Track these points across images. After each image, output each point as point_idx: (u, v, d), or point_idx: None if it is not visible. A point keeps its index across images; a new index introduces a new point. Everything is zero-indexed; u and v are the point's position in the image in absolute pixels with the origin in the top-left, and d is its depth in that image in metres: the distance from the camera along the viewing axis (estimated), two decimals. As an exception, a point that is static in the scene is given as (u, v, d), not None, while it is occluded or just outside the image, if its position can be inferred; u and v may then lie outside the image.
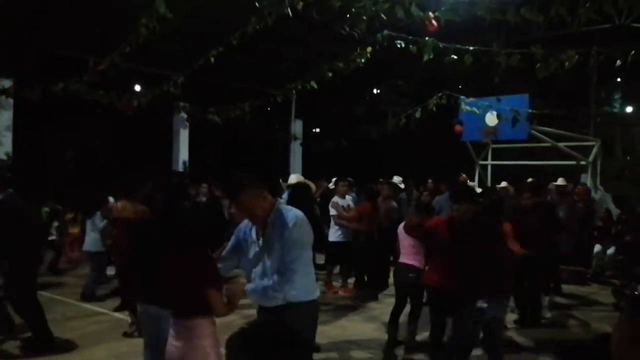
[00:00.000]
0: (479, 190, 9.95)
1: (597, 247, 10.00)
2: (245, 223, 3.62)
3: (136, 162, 16.19)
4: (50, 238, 9.78)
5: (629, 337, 1.64)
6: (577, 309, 8.01)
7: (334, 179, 10.12)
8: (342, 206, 8.54)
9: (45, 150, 15.80)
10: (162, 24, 6.09)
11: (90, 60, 8.50)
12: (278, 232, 3.35)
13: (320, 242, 10.88)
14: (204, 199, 10.60)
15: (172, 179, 10.21)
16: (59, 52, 11.52)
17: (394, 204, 8.94)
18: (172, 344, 3.27)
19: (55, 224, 9.92)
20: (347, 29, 6.16)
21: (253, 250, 3.48)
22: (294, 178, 7.75)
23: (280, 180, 10.65)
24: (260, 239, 3.44)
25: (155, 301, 4.00)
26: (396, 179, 10.43)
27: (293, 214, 3.42)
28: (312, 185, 6.44)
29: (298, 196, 5.96)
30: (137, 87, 13.78)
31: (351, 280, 8.86)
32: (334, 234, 8.52)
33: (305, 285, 3.41)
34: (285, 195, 8.06)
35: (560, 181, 10.39)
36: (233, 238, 3.67)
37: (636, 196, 12.61)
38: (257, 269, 3.43)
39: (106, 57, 8.06)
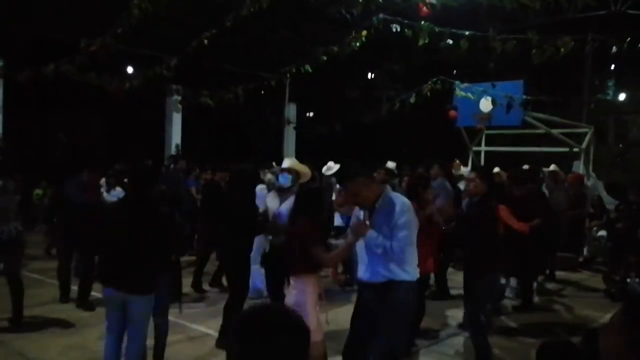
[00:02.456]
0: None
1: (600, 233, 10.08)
2: (356, 211, 4.02)
3: (129, 145, 16.11)
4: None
5: (623, 344, 1.60)
6: (567, 295, 8.08)
7: (328, 163, 10.05)
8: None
9: (37, 132, 15.68)
10: (154, 5, 5.99)
11: (82, 41, 8.36)
12: (385, 216, 3.70)
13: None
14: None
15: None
16: (51, 34, 11.37)
17: (388, 187, 8.92)
18: (290, 292, 4.09)
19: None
20: (343, 11, 6.10)
21: None
22: (287, 162, 7.34)
23: (274, 164, 10.58)
24: (368, 222, 3.78)
25: (123, 287, 4.06)
26: (390, 164, 10.42)
27: (400, 200, 3.81)
28: (307, 170, 6.23)
29: (238, 182, 5.79)
30: (130, 69, 13.64)
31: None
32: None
33: (407, 266, 3.74)
34: None
35: (553, 167, 10.40)
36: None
37: (628, 183, 12.67)
38: (366, 249, 3.79)
39: (98, 38, 7.93)
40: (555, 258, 8.87)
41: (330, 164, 9.63)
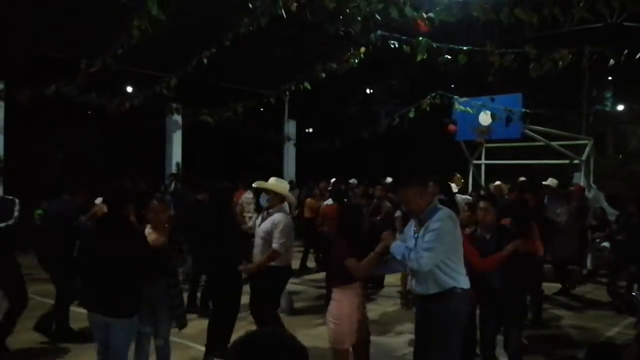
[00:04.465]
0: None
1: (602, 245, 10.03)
2: (410, 223, 4.07)
3: (129, 163, 16.12)
4: None
5: None
6: (572, 308, 8.02)
7: (332, 180, 10.09)
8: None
9: (37, 151, 15.69)
10: (154, 26, 6.03)
11: (82, 62, 8.42)
12: (426, 228, 3.75)
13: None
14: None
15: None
16: (51, 54, 11.44)
17: (387, 204, 8.92)
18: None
19: None
20: (342, 28, 6.15)
21: (410, 243, 3.89)
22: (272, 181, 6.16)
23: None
24: (417, 234, 3.85)
25: (101, 309, 4.05)
26: (390, 180, 10.44)
27: (442, 211, 3.82)
28: (281, 190, 5.80)
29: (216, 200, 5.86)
30: (129, 89, 13.70)
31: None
32: None
33: (445, 278, 3.77)
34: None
35: (550, 181, 10.26)
36: (403, 233, 4.23)
37: (628, 194, 12.65)
38: None
39: (98, 59, 7.98)
40: (564, 271, 8.81)
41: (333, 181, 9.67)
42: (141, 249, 4.16)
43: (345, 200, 8.66)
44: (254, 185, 6.27)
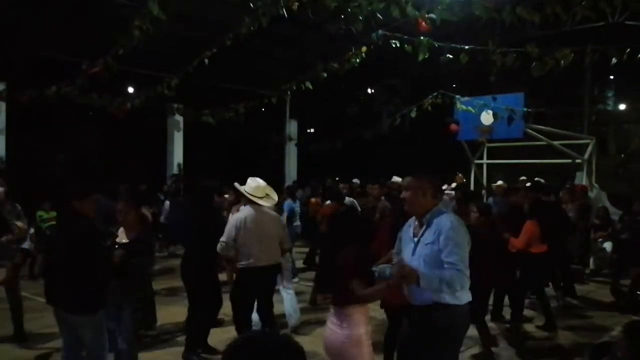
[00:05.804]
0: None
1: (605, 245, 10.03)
2: (409, 222, 3.76)
3: (130, 164, 16.12)
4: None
5: None
6: (575, 308, 8.00)
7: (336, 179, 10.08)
8: None
9: (38, 152, 15.70)
10: (155, 26, 6.02)
11: (83, 63, 8.41)
12: (434, 234, 3.45)
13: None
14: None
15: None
16: (52, 55, 11.45)
17: (386, 203, 8.88)
18: (330, 327, 3.69)
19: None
20: (344, 27, 6.13)
21: (408, 247, 3.62)
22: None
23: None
24: (416, 237, 3.57)
25: (59, 304, 4.04)
26: (396, 179, 10.44)
27: (450, 217, 3.55)
28: (248, 190, 5.62)
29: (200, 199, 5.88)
30: (130, 89, 13.70)
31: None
32: None
33: (456, 290, 3.43)
34: None
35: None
36: (399, 236, 3.86)
37: (631, 194, 12.62)
38: (411, 264, 3.48)
39: (99, 59, 7.98)
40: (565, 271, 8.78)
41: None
42: (81, 243, 3.95)
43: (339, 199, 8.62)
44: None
